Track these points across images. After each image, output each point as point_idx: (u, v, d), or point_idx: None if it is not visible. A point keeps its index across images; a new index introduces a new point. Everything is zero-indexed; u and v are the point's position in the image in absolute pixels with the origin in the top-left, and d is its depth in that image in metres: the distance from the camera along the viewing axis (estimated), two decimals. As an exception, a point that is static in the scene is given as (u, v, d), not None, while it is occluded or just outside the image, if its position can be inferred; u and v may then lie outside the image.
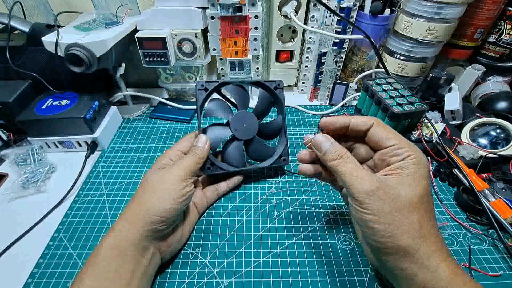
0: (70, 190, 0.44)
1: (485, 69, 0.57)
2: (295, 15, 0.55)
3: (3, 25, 0.49)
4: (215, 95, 0.43)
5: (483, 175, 0.43)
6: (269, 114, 0.46)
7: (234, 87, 0.42)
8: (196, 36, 0.53)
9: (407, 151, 0.26)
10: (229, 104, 0.42)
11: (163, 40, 0.50)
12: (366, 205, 0.24)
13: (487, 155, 0.43)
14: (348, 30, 0.56)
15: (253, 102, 0.43)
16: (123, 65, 0.57)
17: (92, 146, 0.50)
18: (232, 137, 0.41)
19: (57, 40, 0.44)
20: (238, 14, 0.49)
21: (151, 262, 0.30)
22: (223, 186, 0.42)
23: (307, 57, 0.63)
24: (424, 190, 0.25)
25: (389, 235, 0.24)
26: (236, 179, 0.43)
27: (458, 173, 0.42)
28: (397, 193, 0.25)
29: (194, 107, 0.59)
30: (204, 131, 0.39)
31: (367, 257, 0.29)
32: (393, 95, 0.50)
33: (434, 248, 0.24)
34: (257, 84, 0.43)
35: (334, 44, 0.57)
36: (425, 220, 0.25)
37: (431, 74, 0.53)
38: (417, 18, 0.53)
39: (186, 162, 0.34)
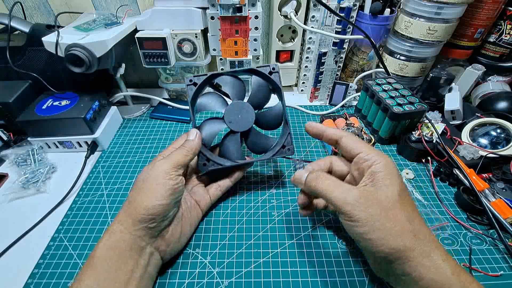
0: (70, 190, 0.44)
1: (485, 69, 0.57)
2: (295, 15, 0.55)
3: (3, 26, 0.49)
4: (209, 89, 0.41)
5: (484, 175, 0.43)
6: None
7: (227, 78, 0.39)
8: (196, 36, 0.53)
9: (374, 156, 0.29)
10: (224, 97, 0.40)
11: (163, 40, 0.50)
12: (355, 216, 0.25)
13: (488, 155, 0.43)
14: (348, 30, 0.56)
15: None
16: (123, 65, 0.57)
17: (92, 147, 0.50)
18: (229, 130, 0.39)
19: (57, 41, 0.44)
20: (238, 14, 0.49)
21: (150, 262, 0.30)
22: (226, 181, 0.41)
23: (307, 57, 0.63)
24: (401, 188, 0.27)
25: (385, 242, 0.24)
26: (237, 173, 0.41)
27: (459, 173, 0.42)
28: (378, 197, 0.26)
29: (194, 107, 0.59)
30: (199, 128, 0.38)
31: (374, 270, 0.30)
32: (393, 95, 0.50)
33: (430, 246, 0.25)
34: (250, 71, 0.40)
35: (334, 44, 0.57)
36: (411, 216, 0.26)
37: (431, 74, 0.53)
38: (417, 18, 0.53)
39: (172, 155, 0.33)
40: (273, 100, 0.41)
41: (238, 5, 0.47)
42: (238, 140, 0.39)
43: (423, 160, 0.47)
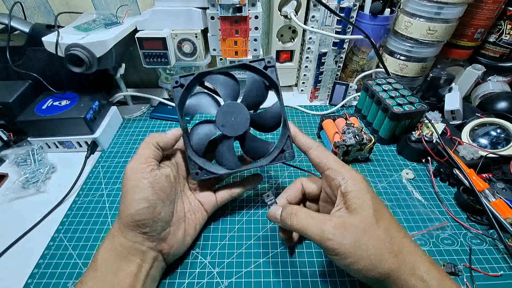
0: (70, 190, 0.44)
1: (485, 69, 0.57)
2: (295, 15, 0.55)
3: (4, 26, 0.49)
4: (200, 89, 0.38)
5: (484, 175, 0.43)
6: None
7: (218, 76, 0.35)
8: (196, 36, 0.53)
9: (342, 174, 0.28)
10: (216, 97, 0.36)
11: (163, 40, 0.50)
12: (337, 250, 0.25)
13: (488, 155, 0.43)
14: (348, 30, 0.56)
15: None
16: (123, 65, 0.57)
17: (92, 146, 0.50)
18: (222, 135, 0.35)
19: (57, 41, 0.44)
20: (238, 14, 0.49)
21: (153, 266, 0.30)
22: (238, 189, 0.39)
23: (307, 57, 0.63)
24: (374, 205, 0.26)
25: (370, 268, 0.24)
26: (253, 182, 0.39)
27: (459, 173, 0.42)
28: (354, 224, 0.26)
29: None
30: (187, 132, 0.35)
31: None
32: (393, 95, 0.50)
33: (413, 259, 0.24)
34: (242, 67, 0.35)
35: (334, 44, 0.57)
36: (391, 235, 0.25)
37: (431, 74, 0.53)
38: (417, 18, 0.53)
39: (137, 152, 0.31)
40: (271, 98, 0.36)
41: (238, 5, 0.47)
42: (232, 145, 0.35)
43: (423, 160, 0.47)
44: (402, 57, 0.59)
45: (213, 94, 0.37)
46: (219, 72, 0.35)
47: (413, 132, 0.48)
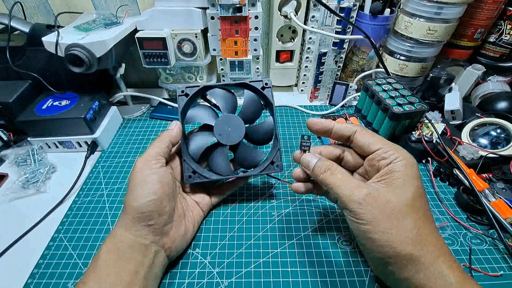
0: (70, 190, 0.44)
1: (485, 69, 0.57)
2: (295, 15, 0.55)
3: (3, 26, 0.49)
4: (201, 101, 0.42)
5: (483, 175, 0.43)
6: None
7: (219, 90, 0.39)
8: (196, 37, 0.53)
9: (394, 154, 0.27)
10: (215, 109, 0.40)
11: (163, 40, 0.50)
12: (360, 215, 0.24)
13: (487, 155, 0.43)
14: (348, 30, 0.56)
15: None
16: (123, 65, 0.57)
17: (92, 146, 0.50)
18: (217, 143, 0.38)
19: (57, 41, 0.44)
20: (238, 14, 0.49)
21: (155, 261, 0.30)
22: (229, 189, 0.42)
23: (307, 57, 0.63)
24: (416, 192, 0.25)
25: (387, 244, 0.24)
26: (239, 183, 0.42)
27: (459, 173, 0.42)
28: (388, 199, 0.25)
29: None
30: (187, 138, 0.38)
31: (374, 271, 0.29)
32: (393, 95, 0.50)
33: (436, 253, 0.24)
34: (242, 85, 0.40)
35: (334, 44, 0.57)
36: (421, 224, 0.24)
37: (431, 74, 0.53)
38: (417, 18, 0.53)
39: (147, 150, 0.33)
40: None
41: (238, 5, 0.47)
42: (227, 153, 0.38)
43: (423, 160, 0.47)
44: (402, 57, 0.59)
45: (212, 107, 0.40)
46: (221, 87, 0.39)
47: (413, 132, 0.48)
